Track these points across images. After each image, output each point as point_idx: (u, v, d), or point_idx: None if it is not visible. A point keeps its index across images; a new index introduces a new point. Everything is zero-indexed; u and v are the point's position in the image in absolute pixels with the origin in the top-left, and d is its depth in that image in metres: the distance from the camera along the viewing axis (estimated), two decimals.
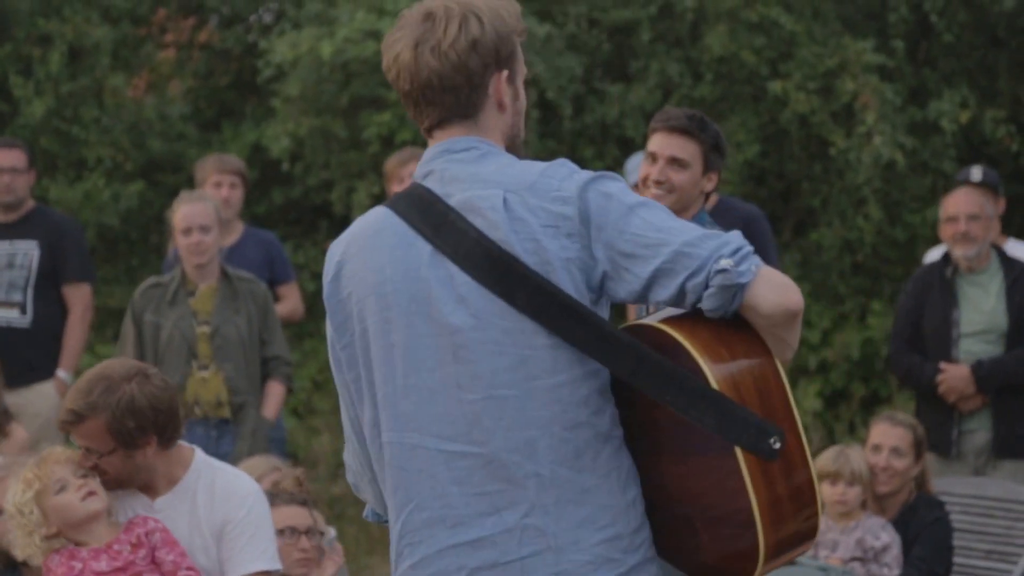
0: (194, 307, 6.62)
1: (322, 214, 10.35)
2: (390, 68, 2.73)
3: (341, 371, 2.78)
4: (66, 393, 7.19)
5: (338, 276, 2.74)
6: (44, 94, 9.85)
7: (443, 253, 2.65)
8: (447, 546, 2.65)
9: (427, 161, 2.74)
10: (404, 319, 2.66)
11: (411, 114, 2.77)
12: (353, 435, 2.81)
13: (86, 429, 4.10)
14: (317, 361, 9.97)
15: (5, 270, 7.34)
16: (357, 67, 9.47)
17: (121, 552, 4.08)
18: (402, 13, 2.75)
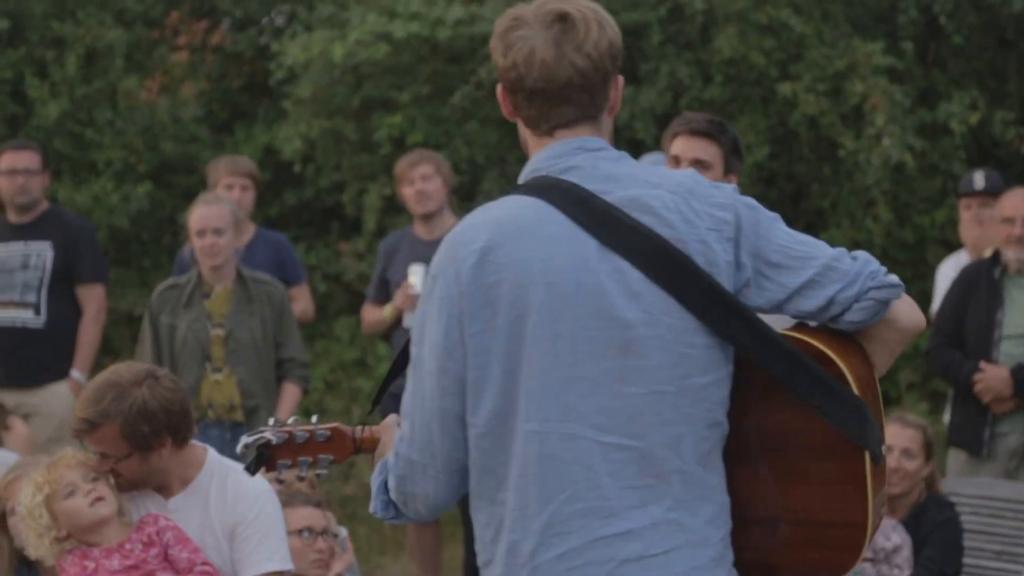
0: (209, 309, 6.64)
1: (333, 216, 10.38)
2: (516, 65, 2.75)
3: (452, 358, 2.72)
4: (80, 394, 7.27)
5: (483, 262, 2.69)
6: (59, 96, 9.90)
7: (610, 248, 2.70)
8: (599, 537, 2.70)
9: (561, 156, 2.78)
10: (572, 310, 2.68)
11: (529, 112, 2.78)
12: (432, 425, 2.74)
13: (100, 436, 4.12)
14: (329, 362, 10.00)
15: (19, 271, 7.37)
16: (368, 69, 9.51)
17: (133, 551, 4.11)
18: (514, 13, 2.79)
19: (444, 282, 2.72)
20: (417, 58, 9.60)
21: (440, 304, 2.71)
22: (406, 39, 9.31)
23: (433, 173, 7.24)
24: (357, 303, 9.89)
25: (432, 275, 2.75)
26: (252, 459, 2.89)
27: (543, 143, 2.80)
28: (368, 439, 3.03)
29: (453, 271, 2.70)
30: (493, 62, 2.83)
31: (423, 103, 9.56)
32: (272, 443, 2.89)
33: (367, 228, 9.70)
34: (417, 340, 2.76)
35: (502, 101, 2.84)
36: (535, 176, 2.77)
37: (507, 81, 2.77)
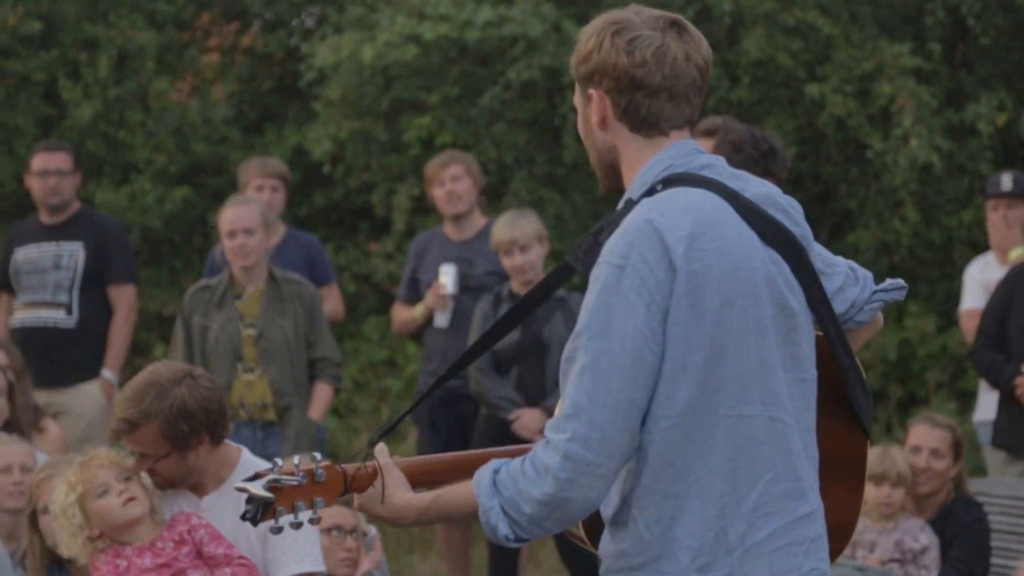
0: (240, 310, 6.68)
1: (363, 216, 10.41)
2: (646, 61, 2.76)
3: (650, 348, 2.68)
4: (111, 393, 7.33)
5: (690, 248, 2.69)
6: (91, 98, 9.95)
7: (766, 241, 2.78)
8: (798, 517, 2.75)
9: (690, 154, 2.81)
10: (765, 296, 2.75)
11: (649, 109, 2.79)
12: (616, 421, 2.67)
13: (140, 436, 4.15)
14: (358, 362, 10.03)
15: (51, 271, 7.42)
16: (398, 71, 9.54)
17: (164, 549, 4.13)
18: (611, 18, 2.81)
19: (641, 271, 2.67)
20: (446, 60, 9.64)
21: (635, 294, 2.66)
22: (435, 41, 9.34)
23: (463, 174, 7.28)
24: (386, 303, 9.91)
25: (617, 265, 2.69)
26: (258, 507, 2.79)
27: (657, 144, 2.82)
28: (360, 476, 2.90)
29: (655, 258, 2.68)
30: (600, 63, 2.80)
31: (452, 104, 9.59)
32: (279, 485, 2.80)
33: (396, 228, 9.73)
34: (597, 334, 2.67)
35: (601, 106, 2.82)
36: (674, 172, 2.79)
37: (629, 79, 2.78)
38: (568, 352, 2.72)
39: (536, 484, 2.68)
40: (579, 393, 2.67)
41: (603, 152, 2.87)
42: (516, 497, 2.70)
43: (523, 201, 9.09)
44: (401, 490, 2.88)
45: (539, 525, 2.71)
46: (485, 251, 7.12)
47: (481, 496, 2.73)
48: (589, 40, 2.83)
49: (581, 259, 2.81)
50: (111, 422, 4.24)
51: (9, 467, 5.50)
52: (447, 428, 7.08)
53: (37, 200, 7.55)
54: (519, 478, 2.70)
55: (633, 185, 2.83)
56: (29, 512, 5.08)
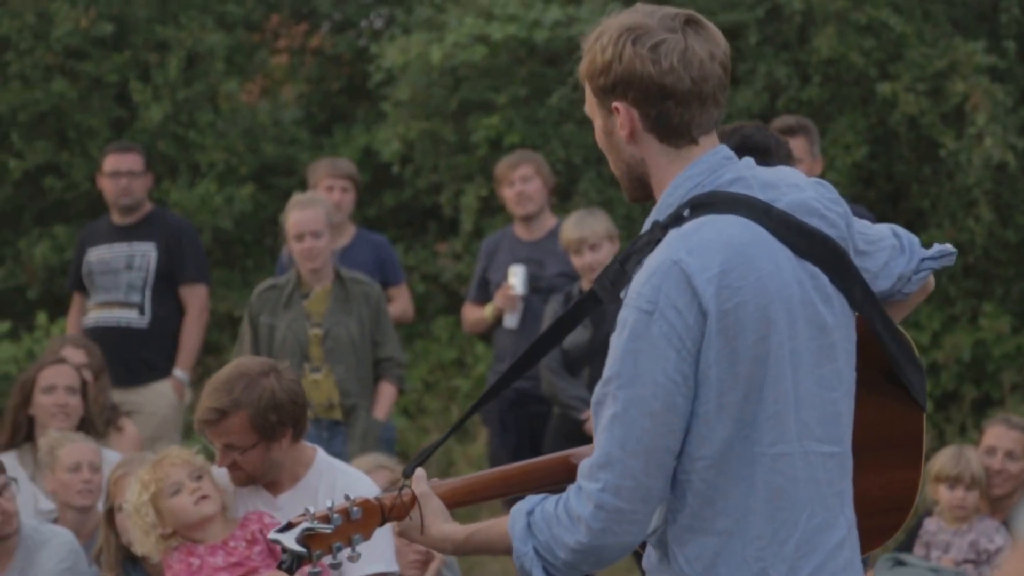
0: (307, 309, 6.70)
1: (431, 216, 10.42)
2: (674, 68, 2.67)
3: (682, 393, 2.63)
4: (182, 393, 7.38)
5: (720, 288, 2.62)
6: (162, 99, 10.03)
7: (801, 255, 2.71)
8: (831, 548, 2.71)
9: (716, 169, 2.73)
10: (799, 323, 2.68)
11: (680, 118, 2.71)
12: (648, 468, 2.64)
13: (229, 425, 4.17)
14: (427, 362, 10.04)
15: (124, 271, 7.47)
16: (466, 71, 9.54)
17: (237, 548, 4.15)
18: (626, 23, 2.71)
19: (670, 316, 2.61)
20: (514, 60, 9.63)
21: (665, 340, 2.60)
22: (503, 41, 9.34)
23: (533, 174, 7.26)
24: (455, 303, 9.92)
25: (645, 311, 2.62)
26: (292, 558, 2.77)
27: (686, 155, 2.73)
28: (398, 506, 2.87)
29: (684, 303, 2.61)
30: (624, 74, 2.70)
31: (520, 105, 9.58)
32: (314, 533, 2.78)
33: (464, 229, 9.74)
34: (626, 382, 2.62)
35: (628, 118, 2.72)
36: (703, 193, 2.71)
37: (658, 89, 2.68)
38: (598, 396, 2.68)
39: (570, 532, 2.66)
40: (610, 442, 2.64)
41: (631, 165, 2.78)
42: (551, 542, 2.68)
43: (592, 201, 9.07)
44: (439, 521, 2.85)
45: (575, 568, 2.70)
46: (555, 251, 7.10)
47: (515, 540, 2.71)
48: (606, 50, 2.70)
49: (608, 289, 2.76)
50: (198, 412, 4.25)
51: (79, 465, 5.56)
52: (517, 429, 7.07)
53: (109, 201, 7.61)
54: (553, 523, 2.68)
55: (660, 204, 2.75)
56: (105, 510, 5.13)
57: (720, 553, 2.68)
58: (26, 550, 5.11)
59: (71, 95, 9.99)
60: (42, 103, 9.97)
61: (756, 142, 5.34)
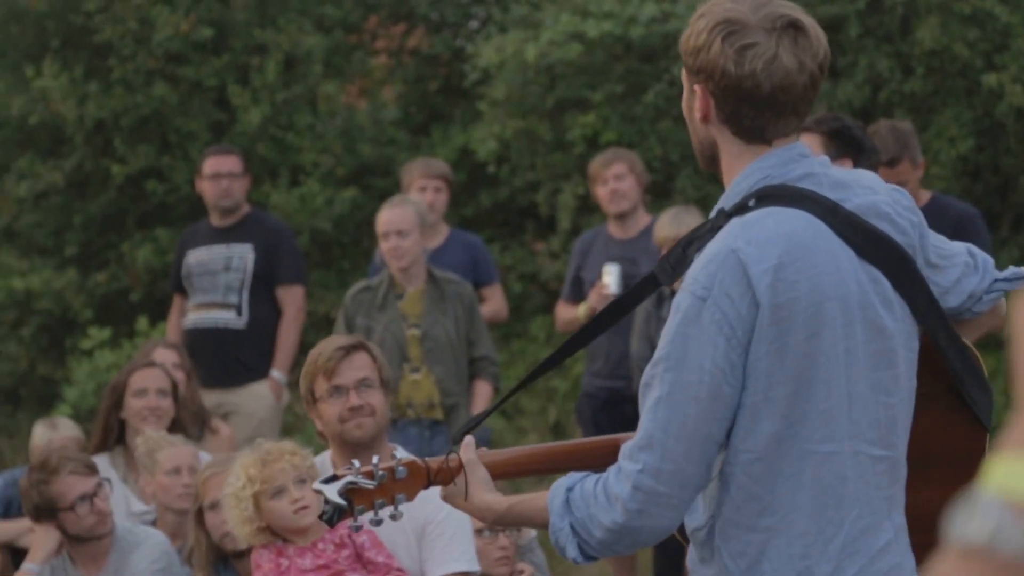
0: (403, 310, 6.70)
1: (528, 215, 10.40)
2: (755, 75, 2.64)
3: (729, 383, 2.62)
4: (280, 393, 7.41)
5: (776, 280, 2.61)
6: (260, 102, 10.10)
7: (864, 257, 2.68)
8: (877, 551, 2.70)
9: (788, 163, 2.70)
10: (856, 324, 2.66)
11: (753, 122, 2.68)
12: (690, 453, 2.63)
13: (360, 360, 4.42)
14: (524, 361, 10.02)
15: (222, 273, 7.52)
16: (562, 69, 9.51)
17: (325, 551, 4.14)
18: (724, 14, 2.68)
19: (723, 304, 2.60)
20: (610, 57, 9.58)
21: (716, 327, 2.60)
22: (599, 38, 9.29)
23: (626, 172, 7.22)
24: (552, 303, 9.88)
25: (699, 296, 2.61)
26: (334, 509, 2.77)
27: (757, 151, 2.72)
28: (443, 471, 2.88)
29: (738, 292, 2.60)
30: (707, 65, 2.68)
31: (616, 102, 9.53)
32: (356, 487, 2.78)
33: (561, 227, 9.71)
34: (674, 366, 2.62)
35: (704, 104, 2.72)
36: (770, 184, 2.69)
37: (735, 90, 2.67)
38: (646, 378, 2.67)
39: (606, 511, 2.67)
40: (654, 424, 2.64)
41: (703, 143, 2.79)
42: (587, 520, 2.69)
43: (689, 198, 8.99)
44: (482, 490, 2.86)
45: (609, 548, 2.71)
46: (649, 250, 7.04)
47: (553, 515, 2.72)
48: (700, 35, 2.70)
49: (668, 272, 2.76)
50: (322, 356, 4.39)
51: (178, 468, 5.60)
52: (611, 429, 7.02)
53: (208, 203, 7.67)
54: (591, 502, 2.69)
55: (728, 192, 2.74)
56: (194, 510, 5.16)
57: (765, 550, 2.66)
58: (120, 552, 5.16)
59: (172, 100, 10.09)
60: (143, 108, 10.09)
61: (854, 136, 5.27)
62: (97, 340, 9.97)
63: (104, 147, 10.32)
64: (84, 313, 10.18)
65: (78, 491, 5.04)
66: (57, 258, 10.41)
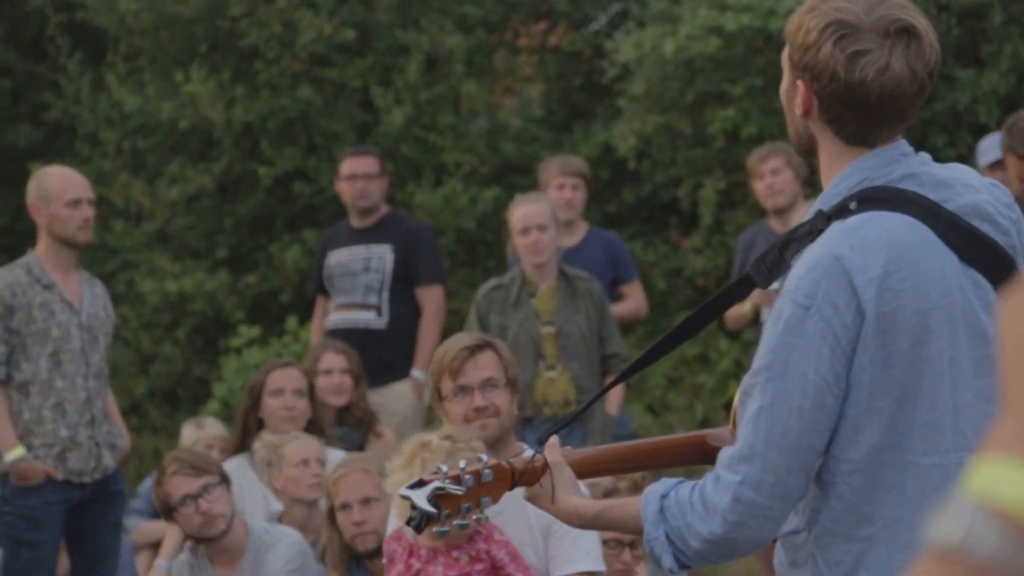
0: (536, 307, 6.71)
1: (671, 211, 10.34)
2: (865, 83, 2.58)
3: (832, 393, 2.56)
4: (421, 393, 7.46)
5: (882, 290, 2.55)
6: (403, 103, 10.18)
7: (966, 261, 2.63)
8: None
9: (890, 163, 2.65)
10: (960, 331, 2.61)
11: (856, 126, 2.63)
12: (791, 465, 2.58)
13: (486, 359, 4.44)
14: (671, 358, 9.95)
15: (361, 274, 7.58)
16: (701, 63, 9.44)
17: (459, 561, 4.10)
18: (836, 15, 2.61)
19: (827, 313, 2.55)
20: (750, 50, 9.48)
21: (820, 337, 2.54)
22: (738, 31, 9.20)
23: (783, 166, 7.13)
24: (697, 298, 9.82)
25: (802, 305, 2.56)
26: (421, 515, 2.76)
27: (858, 151, 2.66)
28: (528, 471, 2.84)
29: (843, 301, 2.54)
30: (815, 66, 2.62)
31: (756, 95, 9.42)
32: (444, 492, 2.77)
33: (703, 222, 9.63)
34: (776, 375, 2.56)
35: (807, 101, 2.66)
36: (871, 187, 2.64)
37: (842, 95, 2.61)
38: (745, 387, 2.62)
39: (704, 522, 2.62)
40: (755, 435, 2.58)
41: (801, 135, 2.72)
42: (683, 529, 2.64)
43: None
44: (569, 493, 2.83)
45: (705, 559, 2.66)
46: None
47: (647, 524, 2.67)
48: (810, 32, 2.61)
49: (765, 274, 2.70)
50: (447, 356, 4.42)
51: (307, 460, 5.69)
52: None
53: (347, 204, 7.74)
54: (687, 511, 2.64)
55: (827, 192, 2.67)
56: (327, 509, 5.23)
57: (862, 560, 2.61)
58: (255, 551, 5.23)
59: (316, 102, 10.22)
60: (289, 110, 10.23)
61: None
62: (246, 338, 10.14)
63: (252, 150, 10.49)
64: (236, 314, 10.36)
65: (182, 492, 5.14)
66: (209, 260, 10.60)
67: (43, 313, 5.98)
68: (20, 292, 5.98)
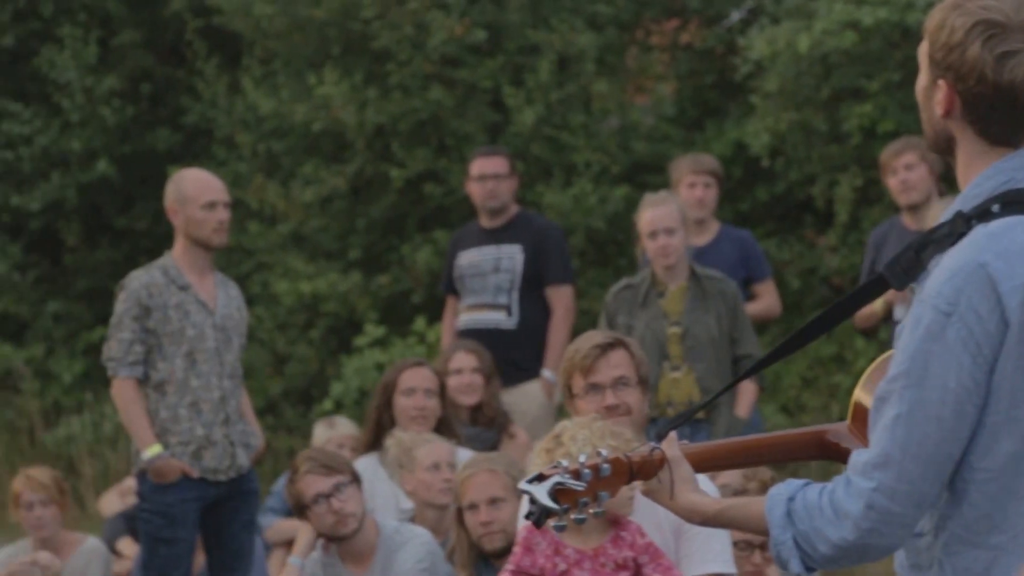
0: (664, 308, 6.65)
1: (806, 209, 10.21)
2: (1014, 87, 2.55)
3: (972, 402, 2.54)
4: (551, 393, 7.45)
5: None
6: (534, 103, 10.17)
7: None
8: None
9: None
10: None
11: (1000, 127, 2.60)
12: (927, 473, 2.55)
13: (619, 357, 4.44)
14: (806, 358, 9.85)
15: (492, 274, 7.59)
16: (837, 59, 9.30)
17: (605, 566, 4.05)
18: (984, 14, 2.57)
19: (970, 320, 2.51)
20: (887, 44, 9.32)
21: (961, 345, 2.51)
22: (875, 26, 9.06)
23: (917, 161, 7.01)
24: (832, 298, 9.68)
25: (943, 311, 2.52)
26: (541, 510, 2.73)
27: (999, 151, 2.60)
28: (644, 464, 2.81)
29: (986, 309, 2.51)
30: (960, 66, 2.57)
31: (893, 90, 9.27)
32: (564, 487, 2.74)
33: (839, 220, 9.50)
34: (915, 383, 2.52)
35: (948, 102, 2.60)
36: (1014, 188, 2.57)
37: (988, 97, 2.57)
38: (882, 392, 2.56)
39: (834, 527, 2.58)
40: (891, 443, 2.54)
41: (939, 134, 2.65)
42: (811, 534, 2.60)
43: None
44: (688, 489, 2.79)
45: (833, 563, 2.61)
46: None
47: (774, 527, 2.63)
48: (955, 32, 2.56)
49: (900, 276, 2.64)
50: (579, 353, 4.38)
51: (438, 464, 5.69)
52: None
53: (476, 204, 7.76)
54: (816, 515, 2.59)
55: (966, 192, 2.60)
56: (455, 509, 5.22)
57: (991, 568, 2.56)
58: (386, 550, 5.26)
59: (448, 103, 10.24)
60: (421, 112, 10.27)
61: None
62: (372, 337, 10.20)
63: (383, 151, 10.55)
64: (369, 315, 10.42)
65: (314, 490, 5.17)
66: (342, 261, 10.68)
67: (178, 313, 6.06)
68: (156, 293, 6.06)
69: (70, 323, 11.50)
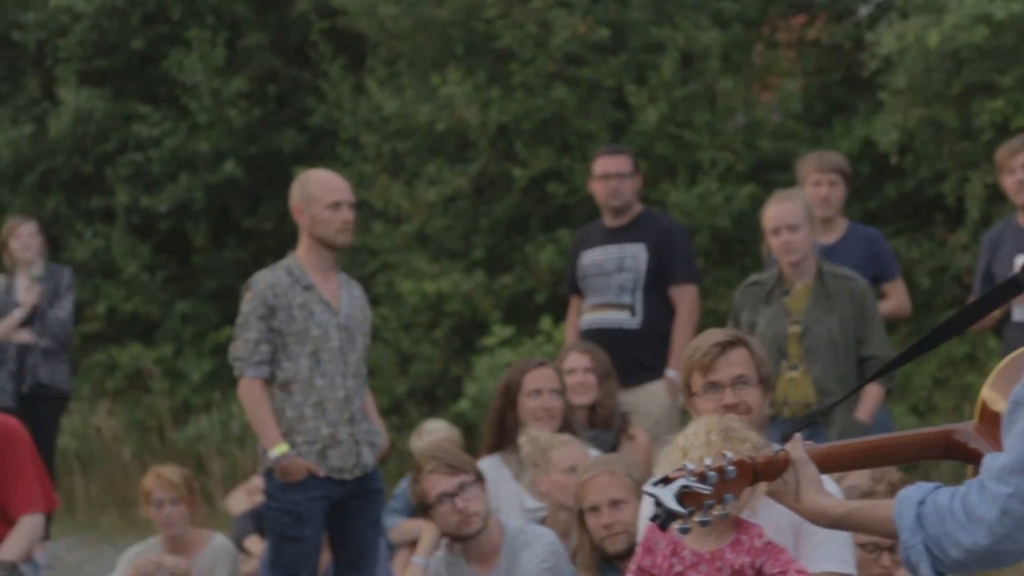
0: (788, 306, 6.56)
1: (936, 207, 10.04)
2: None
3: None
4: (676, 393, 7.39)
5: None
6: (658, 101, 10.10)
7: None
8: None
9: None
10: None
11: None
12: None
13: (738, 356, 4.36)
14: (937, 358, 9.69)
15: (615, 273, 7.55)
16: (968, 53, 9.13)
17: (721, 571, 4.00)
18: None
19: None
20: (1020, 38, 9.13)
21: None
22: (1008, 19, 8.87)
23: None
24: (963, 297, 9.50)
25: None
26: (667, 513, 2.72)
27: None
28: (769, 465, 2.78)
29: None
30: None
31: None
32: (690, 490, 2.72)
33: (970, 218, 9.32)
34: None
35: None
36: None
37: None
38: (1018, 396, 2.54)
39: (967, 532, 2.54)
40: (1018, 448, 2.51)
41: None
42: (942, 538, 2.56)
43: None
44: (813, 491, 2.76)
45: (964, 568, 2.57)
46: None
47: (903, 531, 2.59)
48: None
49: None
50: (699, 351, 4.34)
51: (574, 468, 5.65)
52: None
53: (600, 203, 7.72)
54: (947, 519, 2.56)
55: None
56: (576, 511, 5.20)
57: None
58: (510, 549, 5.24)
59: (571, 101, 10.22)
60: (544, 110, 10.25)
61: None
62: (500, 338, 10.20)
63: (506, 151, 10.55)
64: (493, 315, 10.43)
65: (439, 489, 5.16)
66: (465, 261, 10.70)
67: (303, 313, 6.10)
68: (281, 293, 6.10)
69: (198, 323, 11.65)
